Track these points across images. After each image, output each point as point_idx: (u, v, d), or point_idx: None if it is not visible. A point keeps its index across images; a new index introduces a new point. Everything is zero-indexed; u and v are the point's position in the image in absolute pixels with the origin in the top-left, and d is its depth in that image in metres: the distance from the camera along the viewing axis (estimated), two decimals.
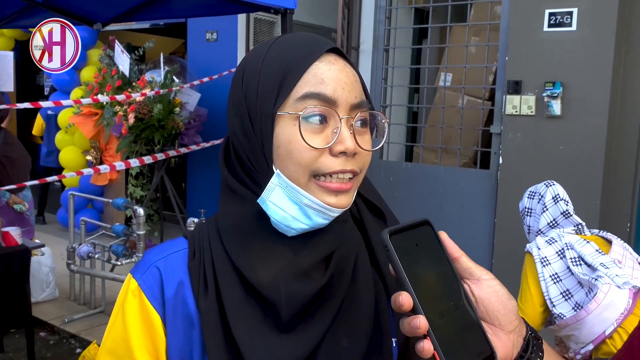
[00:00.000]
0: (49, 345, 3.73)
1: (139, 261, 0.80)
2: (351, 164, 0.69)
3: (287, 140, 0.69)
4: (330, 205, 0.69)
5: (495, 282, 0.62)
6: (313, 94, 0.68)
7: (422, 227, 0.61)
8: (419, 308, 0.56)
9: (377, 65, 4.78)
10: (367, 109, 0.72)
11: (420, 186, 4.44)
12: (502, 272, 3.99)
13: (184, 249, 0.77)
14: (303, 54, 0.70)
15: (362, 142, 0.71)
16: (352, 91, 0.70)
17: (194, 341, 0.73)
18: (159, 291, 0.74)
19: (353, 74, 0.72)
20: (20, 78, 7.50)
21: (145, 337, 0.73)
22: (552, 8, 3.71)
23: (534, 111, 3.81)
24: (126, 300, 0.75)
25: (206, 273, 0.73)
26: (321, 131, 0.69)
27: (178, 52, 8.13)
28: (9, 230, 3.00)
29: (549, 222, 2.29)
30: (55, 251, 4.56)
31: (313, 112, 0.68)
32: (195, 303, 0.73)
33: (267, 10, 2.92)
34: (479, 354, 0.58)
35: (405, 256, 0.58)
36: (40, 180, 3.98)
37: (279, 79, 0.70)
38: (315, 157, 0.69)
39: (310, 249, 0.72)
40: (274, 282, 0.70)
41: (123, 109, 4.89)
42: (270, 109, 0.69)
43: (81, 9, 3.47)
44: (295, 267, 0.71)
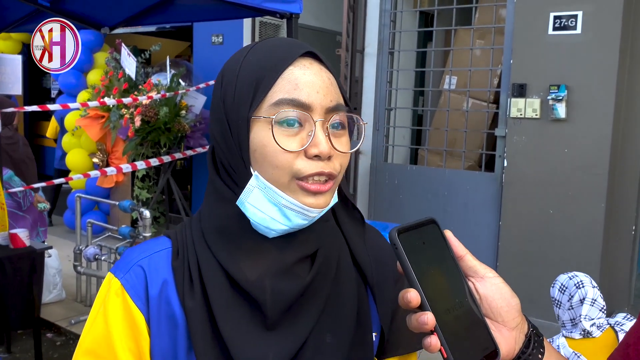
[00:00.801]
0: (55, 346, 3.76)
1: (119, 260, 0.79)
2: (327, 167, 0.70)
3: (262, 144, 0.70)
4: (308, 206, 0.70)
5: (498, 280, 0.64)
6: (287, 99, 0.69)
7: (429, 226, 0.63)
8: (426, 305, 0.58)
9: (382, 68, 4.79)
10: (343, 111, 0.73)
11: (425, 189, 4.46)
12: (507, 274, 3.99)
13: (167, 248, 0.77)
14: (278, 59, 0.71)
15: (338, 144, 0.72)
16: (327, 95, 0.71)
17: (178, 341, 0.73)
18: (143, 291, 0.74)
19: (328, 78, 0.73)
20: (28, 81, 7.55)
21: (129, 337, 0.73)
22: (557, 11, 3.71)
23: (539, 114, 3.81)
24: (108, 299, 0.74)
25: (191, 272, 0.73)
26: (296, 134, 0.70)
27: (184, 55, 8.17)
28: (17, 232, 3.02)
29: (571, 319, 2.29)
30: (62, 253, 4.59)
31: (287, 117, 0.69)
32: (179, 303, 0.73)
33: (272, 15, 2.94)
34: (483, 350, 0.60)
35: (413, 254, 0.60)
36: (48, 183, 4.01)
37: (254, 84, 0.71)
38: (291, 160, 0.70)
39: (295, 247, 0.73)
40: (260, 280, 0.71)
41: (129, 112, 4.93)
42: (245, 113, 0.71)
43: (89, 14, 3.51)
44: (281, 265, 0.72)
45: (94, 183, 5.85)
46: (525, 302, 2.56)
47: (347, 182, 4.73)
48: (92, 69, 6.28)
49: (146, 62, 5.59)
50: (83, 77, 6.27)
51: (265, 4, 2.67)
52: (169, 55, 5.54)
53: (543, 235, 3.86)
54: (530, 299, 3.86)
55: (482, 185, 4.23)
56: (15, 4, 3.33)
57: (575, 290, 2.19)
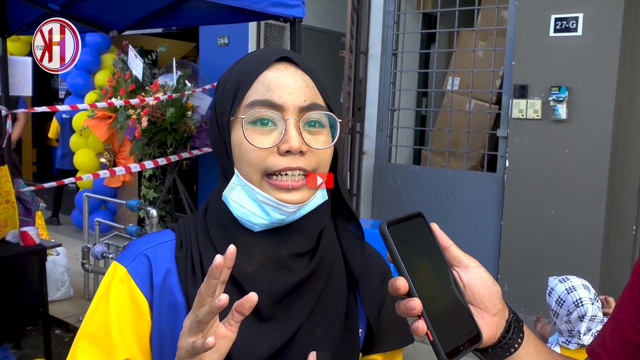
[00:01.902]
0: (64, 342, 3.82)
1: (123, 250, 0.83)
2: (299, 162, 0.75)
3: (239, 143, 0.76)
4: (282, 201, 0.75)
5: (481, 269, 0.69)
6: (259, 100, 0.75)
7: (416, 219, 0.67)
8: (414, 292, 0.62)
9: (386, 69, 4.84)
10: (318, 110, 0.77)
11: (428, 189, 4.50)
12: (508, 273, 4.04)
13: (171, 240, 0.82)
14: (255, 66, 0.78)
15: (313, 141, 0.76)
16: (300, 95, 0.76)
17: (178, 327, 0.75)
18: (147, 278, 0.78)
19: (303, 79, 0.77)
20: (36, 82, 7.63)
21: (132, 322, 0.77)
22: (558, 13, 3.75)
23: (540, 115, 3.85)
24: (112, 286, 0.78)
25: (194, 263, 0.78)
26: (269, 133, 0.75)
27: (190, 56, 8.23)
28: (27, 230, 3.08)
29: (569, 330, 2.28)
30: (70, 251, 4.65)
31: (259, 116, 0.75)
32: (182, 291, 0.78)
33: (276, 19, 3.00)
34: (467, 334, 0.64)
35: (402, 245, 0.64)
36: (58, 182, 4.08)
37: (234, 90, 0.78)
38: (264, 157, 0.75)
39: (289, 243, 0.78)
40: (256, 274, 0.76)
41: (136, 113, 4.99)
42: (227, 116, 0.78)
43: (98, 17, 3.57)
44: (276, 260, 0.77)
45: (102, 183, 5.92)
46: (526, 301, 2.62)
47: (351, 182, 4.72)
48: (100, 70, 6.35)
49: (153, 63, 5.65)
50: (91, 78, 6.34)
51: (269, 9, 2.73)
52: (175, 57, 5.60)
53: (544, 235, 3.89)
54: (531, 297, 3.89)
55: (484, 185, 4.27)
56: (25, 8, 3.40)
57: (574, 308, 2.16)
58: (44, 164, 8.85)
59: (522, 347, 0.69)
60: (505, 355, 0.69)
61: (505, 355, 0.69)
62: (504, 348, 0.68)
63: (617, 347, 0.75)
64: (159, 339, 0.77)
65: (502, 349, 0.68)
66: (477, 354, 0.69)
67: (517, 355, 0.69)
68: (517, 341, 0.69)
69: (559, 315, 2.24)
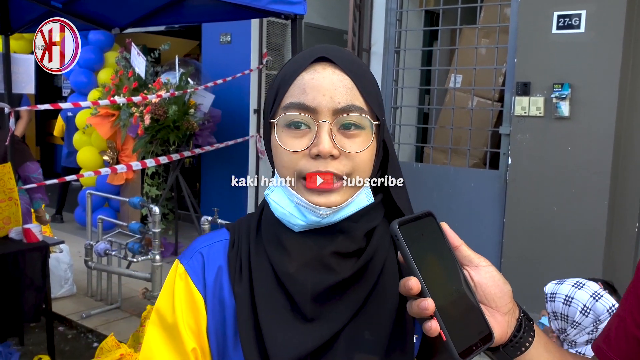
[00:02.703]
0: (67, 339, 3.84)
1: (186, 248, 0.88)
2: (330, 166, 0.74)
3: (275, 145, 0.78)
4: (315, 204, 0.74)
5: (491, 268, 0.69)
6: (293, 103, 0.75)
7: (426, 218, 0.68)
8: (426, 291, 0.63)
9: (388, 66, 4.83)
10: (355, 112, 0.75)
11: (430, 186, 4.50)
12: (510, 271, 4.04)
13: (225, 239, 0.85)
14: (293, 68, 0.78)
15: (347, 144, 0.75)
16: (335, 97, 0.74)
17: (227, 322, 0.80)
18: (201, 275, 0.82)
19: (340, 80, 0.75)
20: (39, 80, 7.66)
21: (190, 315, 0.81)
22: (561, 10, 3.74)
23: (543, 112, 3.84)
24: (175, 281, 0.83)
25: (242, 262, 0.81)
26: (302, 136, 0.75)
27: (193, 54, 8.25)
28: (30, 227, 3.10)
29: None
30: (73, 249, 4.68)
31: (292, 119, 0.75)
32: (230, 288, 0.80)
33: (277, 16, 3.00)
34: (479, 333, 0.65)
35: (413, 245, 0.65)
36: (60, 180, 4.09)
37: (275, 92, 0.79)
38: (296, 160, 0.75)
39: (333, 243, 0.77)
40: (298, 273, 0.76)
41: (139, 110, 5.00)
42: (268, 118, 0.80)
43: (100, 15, 3.58)
44: (318, 260, 0.76)
45: (104, 180, 5.94)
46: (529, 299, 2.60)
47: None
48: (103, 68, 6.37)
49: (155, 61, 5.66)
50: (94, 76, 6.36)
51: (270, 6, 2.73)
52: (178, 54, 5.61)
53: (546, 232, 3.89)
54: (534, 295, 3.89)
55: (487, 182, 4.26)
56: (28, 5, 3.41)
57: (607, 316, 2.00)
58: (47, 162, 8.87)
59: (532, 346, 0.70)
60: (516, 354, 0.69)
61: (516, 354, 0.69)
62: (515, 347, 0.69)
63: (620, 342, 0.75)
64: (215, 332, 0.80)
65: (513, 348, 0.69)
66: (488, 353, 0.70)
67: (528, 354, 0.69)
68: (528, 340, 0.69)
69: (578, 326, 2.09)
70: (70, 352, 3.67)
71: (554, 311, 2.15)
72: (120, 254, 3.99)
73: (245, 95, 5.67)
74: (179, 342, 0.80)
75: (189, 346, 0.79)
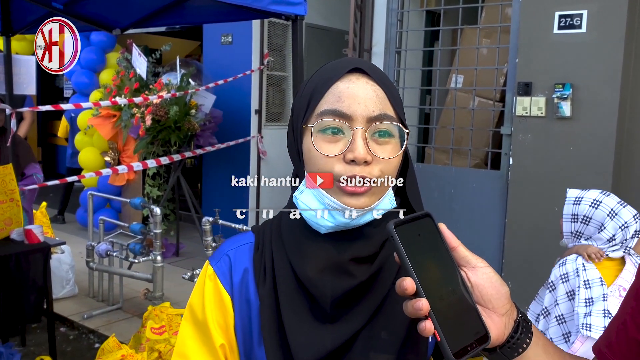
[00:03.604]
0: (68, 340, 3.84)
1: (216, 251, 0.93)
2: (364, 171, 0.78)
3: (308, 149, 0.81)
4: (347, 205, 0.78)
5: (489, 269, 0.69)
6: (329, 110, 0.79)
7: (424, 219, 0.68)
8: (421, 292, 0.63)
9: (389, 67, 4.83)
10: (387, 121, 0.80)
11: (432, 187, 4.49)
12: (512, 271, 4.03)
13: (251, 242, 0.90)
14: (328, 77, 0.82)
15: (379, 151, 0.79)
16: (369, 106, 0.79)
17: (253, 320, 0.84)
18: (229, 276, 0.87)
19: (374, 90, 0.80)
20: (41, 81, 7.67)
21: (219, 314, 0.86)
22: (562, 10, 3.73)
23: (544, 112, 3.84)
24: (205, 282, 0.88)
25: (265, 264, 0.85)
26: (337, 141, 0.79)
27: (194, 55, 8.26)
28: (31, 228, 3.10)
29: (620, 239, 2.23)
30: (74, 249, 4.68)
31: (328, 125, 0.79)
32: (255, 289, 0.85)
33: (278, 17, 3.00)
34: (475, 334, 0.65)
35: (409, 245, 0.65)
36: (61, 180, 4.09)
37: (308, 98, 0.83)
38: (331, 164, 0.78)
39: (352, 248, 0.80)
40: (318, 277, 0.80)
41: (140, 111, 5.01)
42: (300, 123, 0.83)
43: (101, 16, 3.58)
44: (338, 264, 0.80)
45: (106, 181, 5.95)
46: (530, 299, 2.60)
47: None
48: (105, 69, 6.38)
49: (157, 61, 5.67)
50: (95, 77, 6.37)
51: (270, 7, 2.74)
52: (179, 55, 5.62)
53: (548, 233, 3.88)
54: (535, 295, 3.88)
55: (488, 183, 4.26)
56: (29, 7, 3.41)
57: (633, 221, 2.15)
58: (49, 163, 8.89)
59: (530, 347, 0.69)
60: (513, 355, 0.69)
61: (514, 355, 0.69)
62: (512, 348, 0.69)
63: (622, 346, 0.75)
64: (242, 330, 0.85)
65: (511, 349, 0.69)
66: (486, 354, 0.70)
67: (526, 355, 0.69)
68: (526, 341, 0.69)
69: (604, 229, 2.19)
70: (71, 352, 3.67)
71: (576, 214, 2.26)
72: (121, 255, 4.00)
73: (247, 96, 5.67)
74: (208, 338, 0.85)
75: (217, 342, 0.85)
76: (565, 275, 2.26)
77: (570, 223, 2.30)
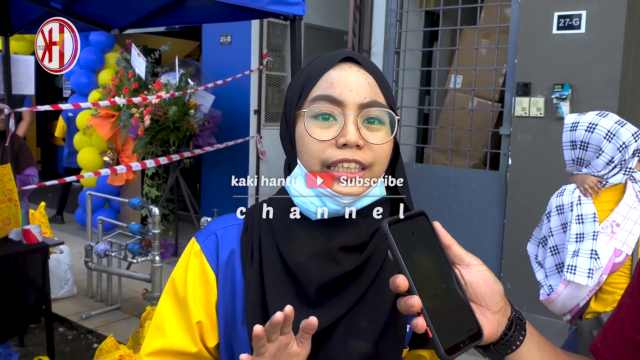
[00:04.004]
0: (67, 340, 3.84)
1: (203, 228, 0.94)
2: (356, 155, 0.78)
3: (300, 135, 0.82)
4: (338, 192, 0.78)
5: (483, 267, 0.70)
6: (322, 95, 0.81)
7: (419, 217, 0.69)
8: (413, 289, 0.63)
9: (388, 67, 4.83)
10: (378, 107, 0.81)
11: (431, 187, 4.49)
12: (511, 272, 4.03)
13: (239, 223, 0.90)
14: (321, 65, 0.84)
15: (371, 137, 0.80)
16: (361, 92, 0.80)
17: (237, 302, 0.85)
18: (215, 254, 0.88)
19: (365, 78, 0.82)
20: (40, 81, 7.67)
21: (201, 291, 0.87)
22: (561, 11, 3.74)
23: (543, 113, 3.84)
24: (189, 259, 0.89)
25: (253, 247, 0.86)
26: (329, 127, 0.80)
27: (193, 55, 8.25)
28: (30, 228, 3.10)
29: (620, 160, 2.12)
30: (73, 249, 4.68)
31: (320, 111, 0.80)
32: (241, 270, 0.86)
33: (276, 17, 3.00)
34: (468, 331, 0.65)
35: (403, 243, 0.65)
36: (60, 180, 4.09)
37: (301, 86, 0.85)
38: (323, 149, 0.79)
39: (342, 237, 0.81)
40: (306, 263, 0.81)
41: (139, 111, 5.00)
42: (293, 110, 0.84)
43: (99, 16, 3.58)
44: (326, 251, 0.81)
45: (105, 181, 5.94)
46: (529, 300, 2.62)
47: None
48: (103, 69, 6.37)
49: (156, 61, 5.66)
50: (94, 77, 6.36)
51: (269, 7, 2.74)
52: (178, 55, 5.61)
53: None
54: (534, 296, 3.88)
55: (487, 183, 4.26)
56: (28, 7, 3.41)
57: (632, 140, 2.04)
58: (48, 163, 8.89)
59: (524, 344, 0.70)
60: (507, 352, 0.70)
61: (507, 352, 0.70)
62: (506, 345, 0.69)
63: (618, 345, 0.75)
64: (224, 309, 0.86)
65: (504, 346, 0.69)
66: (480, 350, 0.71)
67: (519, 352, 0.70)
68: (519, 338, 0.70)
69: (602, 154, 2.08)
70: (70, 353, 3.67)
71: (573, 140, 2.17)
72: (120, 255, 4.00)
73: (246, 96, 5.67)
74: (187, 313, 0.87)
75: (195, 319, 0.86)
76: (560, 207, 2.21)
77: (570, 150, 2.22)
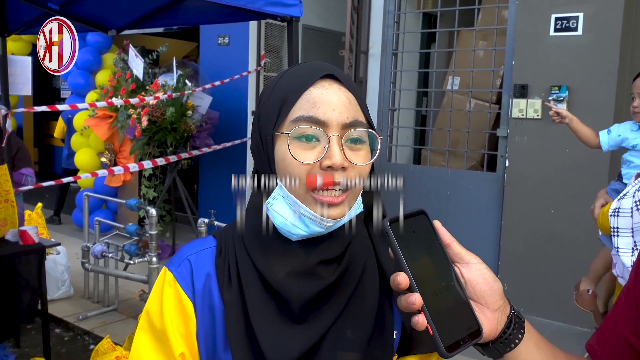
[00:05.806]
0: (63, 341, 3.83)
1: (173, 256, 0.90)
2: (339, 177, 0.77)
3: (282, 157, 0.79)
4: (322, 216, 0.77)
5: (482, 265, 0.70)
6: (304, 117, 0.77)
7: (419, 216, 0.69)
8: (414, 287, 0.64)
9: (386, 69, 4.84)
10: (360, 127, 0.79)
11: (428, 189, 4.49)
12: (508, 273, 4.03)
13: (212, 246, 0.87)
14: (300, 82, 0.80)
15: (354, 157, 0.78)
16: (343, 112, 0.78)
17: (217, 327, 0.82)
18: (190, 282, 0.84)
19: (347, 97, 0.80)
20: (38, 81, 7.66)
21: (179, 321, 0.83)
22: (559, 13, 3.74)
23: (540, 115, 3.85)
24: (163, 289, 0.85)
25: (230, 269, 0.83)
26: (312, 148, 0.77)
27: (191, 56, 8.24)
28: (26, 229, 3.09)
29: None
30: (70, 250, 4.67)
31: (304, 132, 0.77)
32: (219, 294, 0.83)
33: (274, 18, 3.00)
34: (467, 329, 0.66)
35: (403, 241, 0.66)
36: (57, 181, 4.08)
37: (279, 104, 0.80)
38: (306, 171, 0.77)
39: (319, 251, 0.80)
40: (287, 280, 0.79)
41: (137, 112, 4.99)
42: (271, 130, 0.80)
43: (97, 17, 3.58)
44: (306, 267, 0.80)
45: (102, 182, 5.93)
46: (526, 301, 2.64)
47: None
48: (101, 70, 6.37)
49: (154, 62, 5.66)
50: (92, 78, 6.36)
51: (266, 8, 2.74)
52: (176, 56, 5.60)
53: (544, 235, 3.89)
54: (531, 297, 3.89)
55: (484, 185, 4.26)
56: (24, 7, 3.41)
57: None
58: (45, 163, 8.87)
59: (522, 342, 0.71)
60: (505, 350, 0.70)
61: (506, 350, 0.70)
62: (505, 343, 0.70)
63: (613, 345, 0.76)
64: (204, 337, 0.83)
65: (503, 344, 0.70)
66: (479, 348, 0.71)
67: (518, 350, 0.70)
68: (518, 337, 0.71)
69: None
70: (66, 354, 3.66)
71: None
72: (117, 256, 3.99)
73: (243, 97, 5.67)
74: (167, 346, 0.83)
75: (177, 351, 0.82)
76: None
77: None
